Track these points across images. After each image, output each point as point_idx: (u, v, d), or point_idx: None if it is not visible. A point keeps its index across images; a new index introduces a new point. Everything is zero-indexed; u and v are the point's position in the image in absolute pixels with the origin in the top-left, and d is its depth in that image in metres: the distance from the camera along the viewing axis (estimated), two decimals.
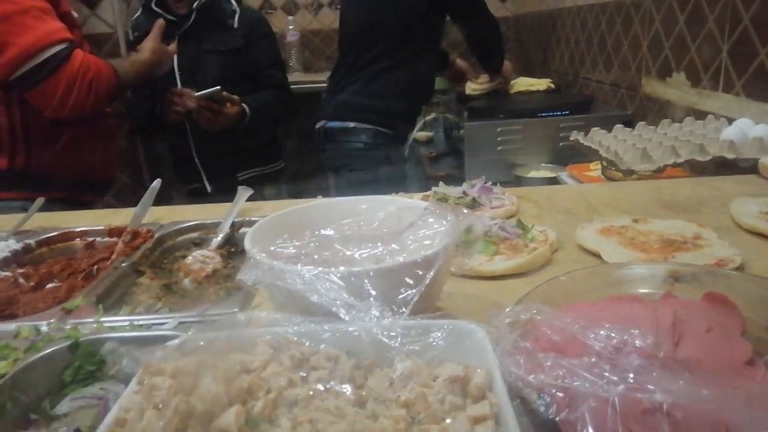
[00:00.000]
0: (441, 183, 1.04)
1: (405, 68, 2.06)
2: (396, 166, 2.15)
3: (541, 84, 2.61)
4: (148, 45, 1.71)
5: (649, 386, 0.39)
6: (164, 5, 2.15)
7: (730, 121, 1.45)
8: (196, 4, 2.10)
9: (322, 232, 0.58)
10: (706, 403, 0.37)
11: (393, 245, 0.54)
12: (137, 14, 2.22)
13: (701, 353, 0.47)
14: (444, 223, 0.54)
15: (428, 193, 1.02)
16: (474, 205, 0.96)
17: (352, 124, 2.09)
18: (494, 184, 1.02)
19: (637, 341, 0.43)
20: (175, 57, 2.12)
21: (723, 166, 1.35)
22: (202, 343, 0.45)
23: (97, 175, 1.74)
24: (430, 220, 0.55)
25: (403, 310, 0.47)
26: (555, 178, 1.87)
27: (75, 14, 1.62)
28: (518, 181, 1.97)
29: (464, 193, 0.98)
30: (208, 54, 2.13)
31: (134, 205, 1.10)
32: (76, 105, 1.43)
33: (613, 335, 0.44)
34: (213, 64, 2.14)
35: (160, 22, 1.83)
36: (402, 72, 2.06)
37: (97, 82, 1.45)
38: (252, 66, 2.21)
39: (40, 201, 1.05)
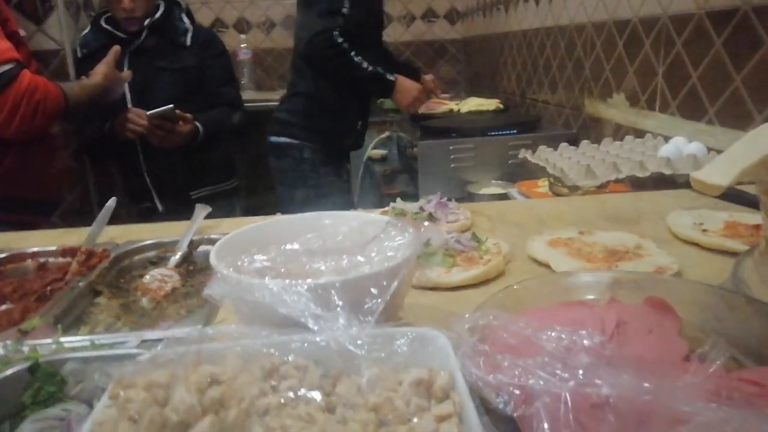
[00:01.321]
0: (398, 199, 1.07)
1: (325, 89, 2.15)
2: (332, 179, 2.24)
3: (491, 104, 2.70)
4: (101, 70, 1.69)
5: (596, 381, 0.42)
6: (114, 22, 2.13)
7: (667, 139, 1.55)
8: (147, 21, 2.09)
9: (287, 246, 0.60)
10: (647, 395, 0.41)
11: (358, 257, 0.56)
12: (86, 31, 2.19)
13: (644, 351, 0.51)
14: (405, 236, 0.57)
15: (387, 209, 1.04)
16: (431, 219, 0.99)
17: (283, 139, 2.23)
18: (449, 199, 1.06)
19: (585, 341, 0.46)
20: None
21: (661, 181, 1.44)
22: (172, 356, 0.46)
23: (43, 196, 1.70)
24: (393, 233, 0.58)
25: (369, 319, 0.49)
26: (505, 194, 1.94)
27: (22, 32, 1.59)
28: (471, 198, 2.03)
29: (421, 208, 1.01)
30: (160, 72, 2.12)
31: (82, 225, 1.09)
32: (21, 126, 1.40)
33: (564, 336, 0.47)
34: (165, 82, 2.13)
35: (116, 48, 1.82)
36: (322, 92, 2.16)
37: (44, 104, 1.43)
38: (205, 84, 2.21)
39: None
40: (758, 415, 0.39)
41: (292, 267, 0.57)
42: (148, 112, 1.95)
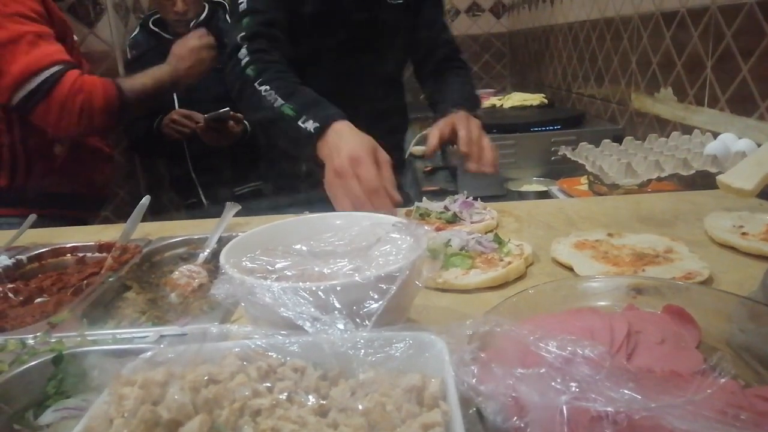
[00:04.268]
0: (425, 198, 1.06)
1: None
2: None
3: (535, 99, 2.64)
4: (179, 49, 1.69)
5: (592, 395, 0.41)
6: (161, 24, 2.20)
7: (716, 135, 1.47)
8: (193, 23, 2.14)
9: (295, 247, 0.60)
10: (646, 411, 0.39)
11: (360, 261, 0.56)
12: (135, 33, 2.27)
13: (653, 363, 0.49)
14: (408, 238, 0.56)
15: (412, 208, 1.04)
16: (455, 219, 0.98)
17: None
18: (475, 198, 1.04)
19: (587, 351, 0.45)
20: None
21: (710, 179, 1.37)
22: (171, 355, 0.47)
23: (95, 191, 1.77)
24: (394, 235, 0.57)
25: (366, 323, 0.49)
26: (546, 191, 1.89)
27: (75, 38, 1.65)
28: (510, 195, 1.99)
29: (446, 207, 1.00)
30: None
31: None
32: (70, 126, 1.45)
33: (565, 346, 0.45)
34: (210, 82, 2.18)
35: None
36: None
37: (90, 104, 1.46)
38: None
39: (32, 218, 1.08)
40: None
41: (299, 269, 0.58)
42: (206, 115, 2.03)
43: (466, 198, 1.02)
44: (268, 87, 1.10)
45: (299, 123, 1.02)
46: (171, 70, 1.69)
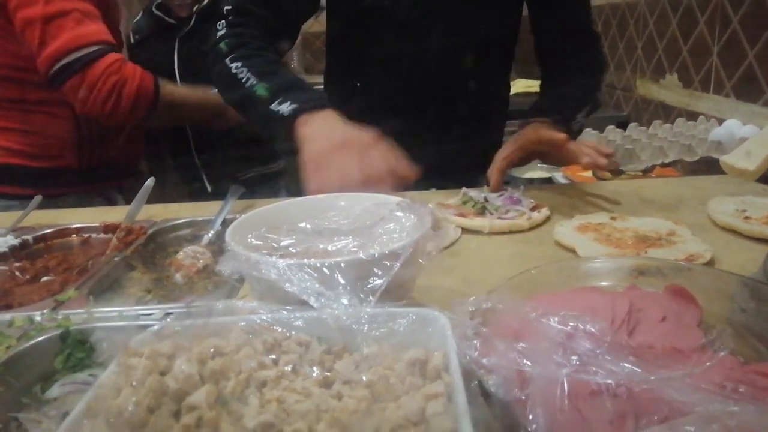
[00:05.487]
0: (464, 188, 1.04)
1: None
2: None
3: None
4: None
5: (593, 368, 0.41)
6: (165, 9, 2.19)
7: (721, 121, 1.47)
8: (196, 7, 2.13)
9: (300, 225, 0.61)
10: (645, 384, 0.40)
11: (364, 239, 0.57)
12: (138, 17, 2.26)
13: (653, 340, 0.49)
14: (412, 217, 0.57)
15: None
16: (482, 211, 0.95)
17: None
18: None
19: (588, 326, 0.45)
20: (176, 60, 2.16)
21: (714, 166, 1.37)
22: (178, 328, 0.48)
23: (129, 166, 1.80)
24: (398, 214, 0.58)
25: (370, 298, 0.50)
26: (550, 178, 1.89)
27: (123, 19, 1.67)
28: (515, 181, 1.99)
29: (485, 198, 0.97)
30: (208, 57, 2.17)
31: None
32: (96, 105, 1.42)
33: (566, 322, 0.46)
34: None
35: None
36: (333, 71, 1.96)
37: (121, 88, 1.43)
38: None
39: (38, 199, 1.08)
40: (761, 409, 0.37)
41: (303, 246, 0.58)
42: None
43: (513, 195, 0.99)
44: (239, 64, 1.01)
45: (272, 106, 0.92)
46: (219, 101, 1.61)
